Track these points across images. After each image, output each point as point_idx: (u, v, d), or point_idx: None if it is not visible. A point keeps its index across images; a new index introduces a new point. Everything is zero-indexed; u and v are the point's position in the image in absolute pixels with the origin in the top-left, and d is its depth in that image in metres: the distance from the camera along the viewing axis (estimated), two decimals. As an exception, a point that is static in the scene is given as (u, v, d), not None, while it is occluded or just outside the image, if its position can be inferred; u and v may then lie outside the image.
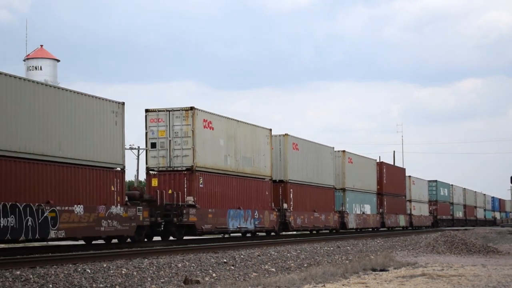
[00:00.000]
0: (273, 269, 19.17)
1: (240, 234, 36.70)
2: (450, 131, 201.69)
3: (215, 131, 31.16)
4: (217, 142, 31.34)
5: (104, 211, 24.56)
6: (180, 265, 18.38)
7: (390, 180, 57.47)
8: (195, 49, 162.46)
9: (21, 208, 20.76)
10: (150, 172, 29.84)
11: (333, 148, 46.34)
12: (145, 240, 28.21)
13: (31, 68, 48.84)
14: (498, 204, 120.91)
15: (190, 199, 29.08)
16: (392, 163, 74.60)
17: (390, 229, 58.64)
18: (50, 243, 26.27)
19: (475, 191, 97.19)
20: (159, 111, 29.71)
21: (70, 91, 23.79)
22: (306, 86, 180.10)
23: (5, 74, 20.91)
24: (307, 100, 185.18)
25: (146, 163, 30.18)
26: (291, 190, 38.89)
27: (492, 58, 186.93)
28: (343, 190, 47.68)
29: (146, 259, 19.03)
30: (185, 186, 29.32)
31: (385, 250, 28.01)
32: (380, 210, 55.54)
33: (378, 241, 35.45)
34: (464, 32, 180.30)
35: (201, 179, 29.87)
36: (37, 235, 21.31)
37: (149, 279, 15.88)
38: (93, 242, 26.47)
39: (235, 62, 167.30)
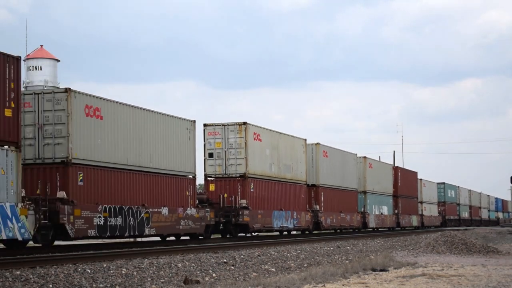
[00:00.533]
0: (273, 269, 19.17)
1: (278, 233, 40.68)
2: (450, 131, 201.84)
3: (262, 143, 36.10)
4: (264, 152, 36.34)
5: (182, 212, 29.29)
6: (180, 265, 18.39)
7: (404, 183, 62.21)
8: (195, 50, 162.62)
9: (125, 210, 25.43)
10: (208, 178, 34.29)
11: (356, 154, 51.09)
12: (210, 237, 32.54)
13: (31, 68, 48.80)
14: (501, 205, 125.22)
15: (243, 202, 33.73)
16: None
17: (403, 228, 62.30)
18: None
19: (480, 193, 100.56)
20: (215, 125, 34.33)
21: (156, 112, 28.32)
22: (305, 86, 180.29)
23: (115, 102, 25.69)
24: (307, 100, 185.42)
25: (204, 170, 34.47)
26: (322, 193, 43.82)
27: (492, 58, 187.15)
28: (364, 192, 52.12)
29: (146, 259, 19.03)
30: (239, 191, 34.04)
31: (385, 250, 28.01)
32: (396, 211, 59.87)
33: (378, 241, 35.47)
34: (463, 32, 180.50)
35: (252, 184, 34.65)
36: (136, 232, 26.07)
37: (149, 279, 15.89)
38: (167, 238, 30.77)
39: (234, 62, 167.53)
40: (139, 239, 32.19)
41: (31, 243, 23.36)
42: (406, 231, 56.13)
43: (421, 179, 69.57)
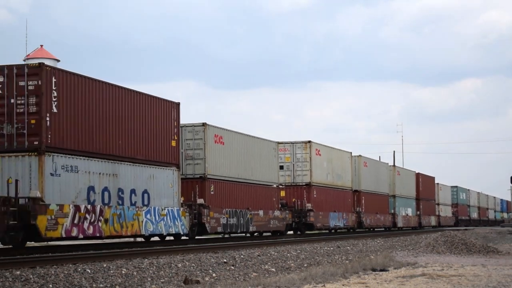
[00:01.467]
0: (273, 269, 19.17)
1: (333, 230, 48.69)
2: (450, 131, 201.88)
3: (321, 157, 44.74)
4: (322, 164, 44.91)
5: (271, 214, 37.91)
6: (180, 265, 18.38)
7: (424, 187, 70.87)
8: (194, 50, 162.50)
9: (238, 212, 33.91)
10: (279, 186, 40.71)
11: (388, 163, 61.03)
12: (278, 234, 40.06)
13: (31, 68, 48.78)
14: (506, 205, 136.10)
15: (309, 206, 42.29)
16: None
17: (422, 227, 69.22)
18: (50, 243, 26.41)
19: (487, 195, 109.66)
20: (285, 143, 42.92)
21: (255, 137, 36.97)
22: (305, 86, 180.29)
23: (232, 131, 34.05)
24: (307, 100, 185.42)
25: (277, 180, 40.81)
26: (363, 197, 52.46)
27: (491, 58, 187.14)
28: (394, 196, 60.38)
29: (146, 259, 19.03)
30: (305, 196, 42.62)
31: (385, 250, 28.02)
32: (418, 212, 68.44)
33: (378, 241, 35.48)
34: (463, 32, 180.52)
35: (315, 191, 43.22)
36: (244, 229, 34.63)
37: (149, 279, 15.89)
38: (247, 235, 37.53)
39: (234, 62, 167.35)
40: (138, 239, 32.35)
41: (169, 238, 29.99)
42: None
43: (437, 183, 77.71)
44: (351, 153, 50.72)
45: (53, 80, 22.01)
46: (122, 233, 24.88)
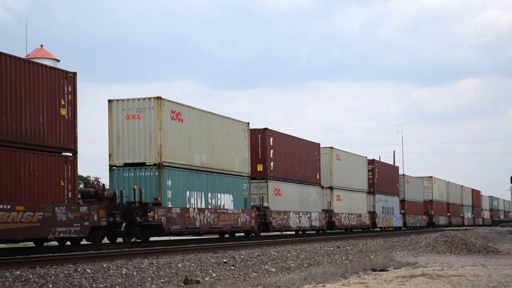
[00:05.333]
0: (273, 269, 19.17)
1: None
2: (449, 131, 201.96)
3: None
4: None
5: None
6: (180, 265, 18.38)
7: (475, 198, 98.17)
8: (193, 49, 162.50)
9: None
10: None
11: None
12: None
13: (31, 68, 48.71)
14: None
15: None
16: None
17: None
18: (50, 243, 26.38)
19: (498, 198, 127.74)
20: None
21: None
22: (304, 86, 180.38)
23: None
24: (306, 100, 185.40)
25: None
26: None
27: (490, 58, 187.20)
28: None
29: (146, 259, 19.02)
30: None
31: (385, 250, 28.01)
32: (473, 215, 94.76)
33: (378, 241, 35.47)
34: (461, 31, 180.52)
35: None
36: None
37: (149, 279, 15.88)
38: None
39: (232, 62, 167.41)
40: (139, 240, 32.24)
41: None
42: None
43: (482, 195, 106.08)
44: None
45: None
46: None
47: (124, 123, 27.19)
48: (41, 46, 49.22)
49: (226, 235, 35.17)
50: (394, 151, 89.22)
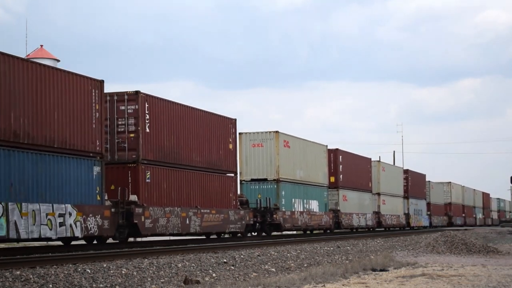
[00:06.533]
0: (273, 269, 19.17)
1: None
2: (449, 131, 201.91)
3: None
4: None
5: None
6: (180, 265, 18.38)
7: (485, 201, 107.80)
8: (192, 49, 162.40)
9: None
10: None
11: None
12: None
13: (31, 68, 48.62)
14: None
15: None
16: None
17: (486, 224, 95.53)
18: (50, 243, 26.43)
19: (505, 200, 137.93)
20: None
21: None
22: (303, 86, 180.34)
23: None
24: (306, 100, 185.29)
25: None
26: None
27: (489, 58, 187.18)
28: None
29: (146, 259, 19.02)
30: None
31: (385, 250, 28.01)
32: (483, 216, 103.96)
33: (378, 241, 35.47)
34: (461, 31, 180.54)
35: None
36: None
37: (149, 279, 15.88)
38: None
39: (231, 62, 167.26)
40: (139, 239, 32.36)
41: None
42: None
43: (491, 197, 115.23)
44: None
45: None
46: None
47: (251, 150, 37.18)
48: (41, 46, 49.22)
49: (308, 232, 44.36)
50: (394, 151, 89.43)
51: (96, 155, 23.31)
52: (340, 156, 46.77)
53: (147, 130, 26.31)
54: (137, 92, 25.99)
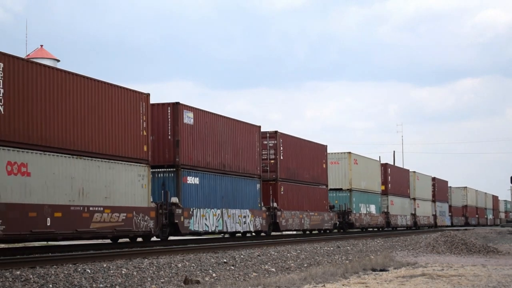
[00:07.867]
0: (273, 269, 19.17)
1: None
2: (448, 131, 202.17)
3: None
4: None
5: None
6: (180, 265, 18.38)
7: (495, 204, 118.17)
8: (191, 49, 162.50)
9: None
10: None
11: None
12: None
13: (31, 68, 48.52)
14: None
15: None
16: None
17: (495, 224, 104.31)
18: (50, 243, 26.44)
19: (510, 201, 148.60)
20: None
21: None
22: (303, 86, 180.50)
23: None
24: (305, 100, 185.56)
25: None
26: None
27: (489, 57, 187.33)
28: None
29: (146, 259, 19.02)
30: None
31: (385, 250, 28.01)
32: (493, 217, 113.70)
33: (378, 241, 35.46)
34: (460, 31, 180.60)
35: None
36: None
37: (149, 279, 15.88)
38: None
39: (231, 62, 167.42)
40: (138, 239, 32.44)
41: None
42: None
43: (499, 200, 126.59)
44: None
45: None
46: None
47: (330, 166, 46.09)
48: (41, 46, 49.22)
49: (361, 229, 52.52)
50: (394, 151, 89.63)
51: (258, 177, 34.36)
52: (389, 169, 58.46)
53: (281, 157, 36.80)
54: (275, 132, 36.73)
